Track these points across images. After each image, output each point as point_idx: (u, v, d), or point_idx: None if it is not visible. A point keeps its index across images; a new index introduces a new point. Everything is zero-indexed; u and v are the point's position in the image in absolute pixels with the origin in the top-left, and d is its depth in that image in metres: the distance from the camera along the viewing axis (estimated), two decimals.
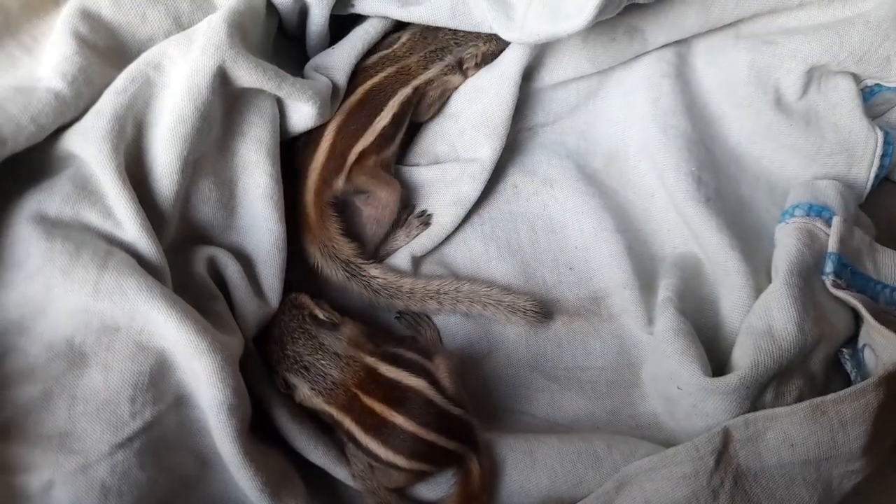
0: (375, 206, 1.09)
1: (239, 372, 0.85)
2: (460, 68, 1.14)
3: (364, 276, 1.05)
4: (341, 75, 1.07)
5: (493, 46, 1.13)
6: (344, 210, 1.09)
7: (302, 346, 0.94)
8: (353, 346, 0.95)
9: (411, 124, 1.15)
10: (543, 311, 1.06)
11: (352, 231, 1.09)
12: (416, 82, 1.11)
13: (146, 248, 0.84)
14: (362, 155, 1.06)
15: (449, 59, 1.12)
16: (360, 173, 1.07)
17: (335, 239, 1.05)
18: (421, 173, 1.14)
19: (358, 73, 1.10)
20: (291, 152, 1.07)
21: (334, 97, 1.06)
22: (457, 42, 1.13)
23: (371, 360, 0.94)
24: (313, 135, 1.06)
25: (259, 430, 0.90)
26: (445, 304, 1.05)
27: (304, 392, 0.93)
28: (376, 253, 1.11)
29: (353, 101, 1.07)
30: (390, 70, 1.10)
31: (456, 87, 1.16)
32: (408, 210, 1.12)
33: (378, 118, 1.07)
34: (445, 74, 1.13)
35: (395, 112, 1.09)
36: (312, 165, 1.05)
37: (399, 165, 1.16)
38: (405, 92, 1.10)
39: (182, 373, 0.83)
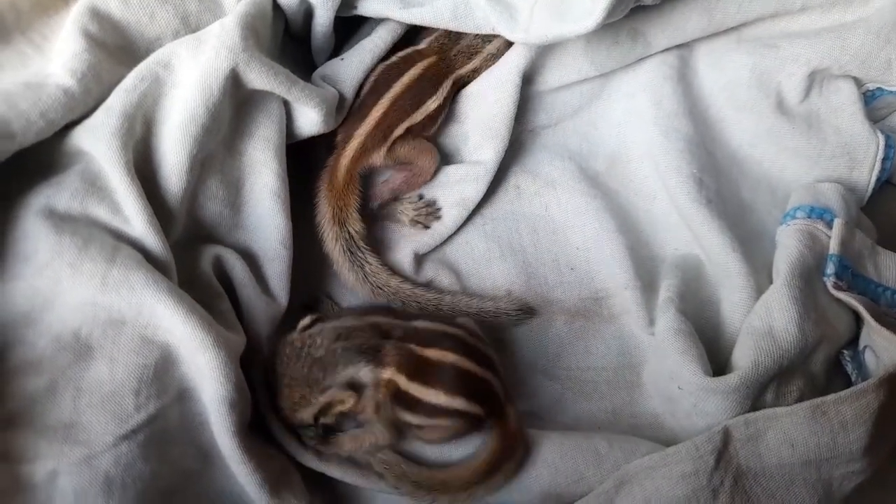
0: (411, 171, 1.12)
1: (240, 369, 0.86)
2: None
3: (360, 256, 1.07)
4: (349, 87, 1.08)
5: None
6: (367, 184, 1.11)
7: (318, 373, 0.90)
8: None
9: None
10: (525, 308, 1.07)
11: (366, 210, 1.11)
12: (461, 70, 1.14)
13: (153, 243, 0.85)
14: (409, 131, 1.09)
15: (490, 48, 1.15)
16: (402, 146, 1.09)
17: (351, 210, 1.07)
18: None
19: (413, 54, 1.12)
20: (297, 155, 1.08)
21: (340, 108, 1.07)
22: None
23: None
24: (362, 104, 1.09)
25: (259, 429, 0.91)
26: (427, 310, 1.06)
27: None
28: (380, 209, 1.12)
29: (412, 76, 1.10)
30: (442, 55, 1.12)
31: None
32: (422, 198, 1.14)
33: (432, 99, 1.11)
34: (489, 61, 1.16)
35: (446, 95, 1.12)
36: (357, 132, 1.08)
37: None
38: (452, 78, 1.13)
39: (186, 367, 0.84)
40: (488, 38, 1.15)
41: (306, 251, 1.08)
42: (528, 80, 1.14)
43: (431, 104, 1.11)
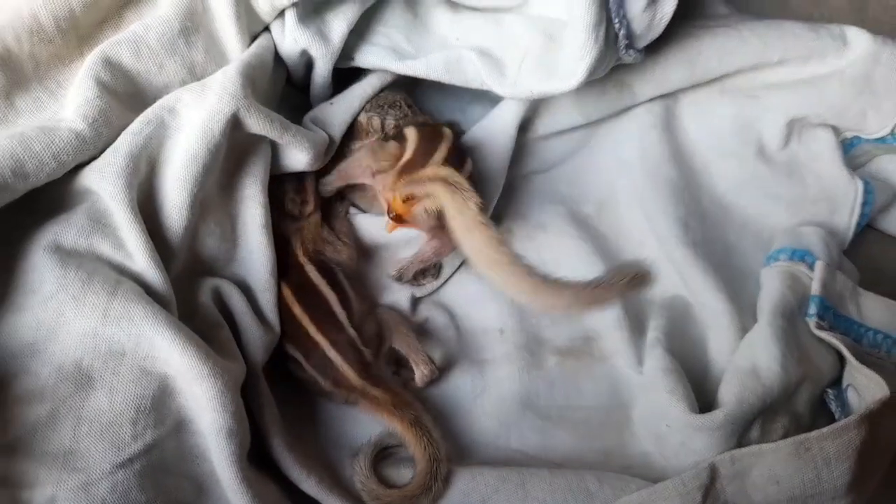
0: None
1: (240, 398, 0.88)
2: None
3: None
4: (337, 130, 1.12)
5: None
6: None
7: None
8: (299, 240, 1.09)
9: None
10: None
11: None
12: None
13: (154, 278, 0.88)
14: None
15: None
16: None
17: None
18: None
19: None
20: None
21: (328, 151, 1.11)
22: None
23: (303, 260, 1.07)
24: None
25: (256, 463, 0.92)
26: None
27: None
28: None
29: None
30: None
31: None
32: None
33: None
34: None
35: None
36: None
37: None
38: None
39: (183, 398, 0.86)
40: None
41: None
42: (520, 127, 1.19)
43: None
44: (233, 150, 1.00)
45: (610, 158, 1.23)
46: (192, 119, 0.95)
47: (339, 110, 1.14)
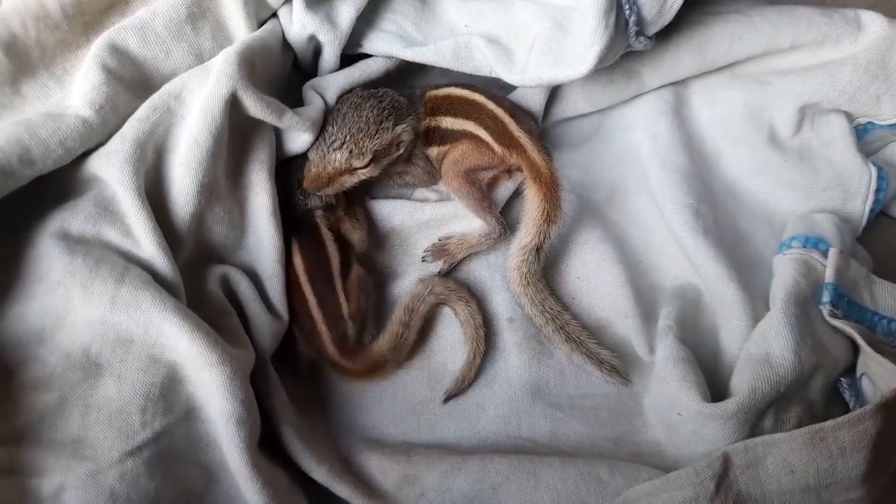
0: None
1: (249, 385, 0.87)
2: None
3: None
4: (332, 94, 1.11)
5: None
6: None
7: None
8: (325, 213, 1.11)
9: None
10: (621, 374, 1.07)
11: None
12: None
13: (162, 265, 0.88)
14: None
15: None
16: None
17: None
18: (434, 208, 1.17)
19: None
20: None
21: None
22: None
23: (320, 221, 1.10)
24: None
25: (266, 450, 0.92)
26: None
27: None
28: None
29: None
30: None
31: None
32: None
33: None
34: None
35: None
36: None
37: (412, 200, 1.20)
38: None
39: (192, 386, 0.86)
40: None
41: None
42: None
43: None
44: (236, 135, 1.00)
45: (621, 145, 1.22)
46: (195, 105, 0.94)
47: (339, 77, 1.12)
